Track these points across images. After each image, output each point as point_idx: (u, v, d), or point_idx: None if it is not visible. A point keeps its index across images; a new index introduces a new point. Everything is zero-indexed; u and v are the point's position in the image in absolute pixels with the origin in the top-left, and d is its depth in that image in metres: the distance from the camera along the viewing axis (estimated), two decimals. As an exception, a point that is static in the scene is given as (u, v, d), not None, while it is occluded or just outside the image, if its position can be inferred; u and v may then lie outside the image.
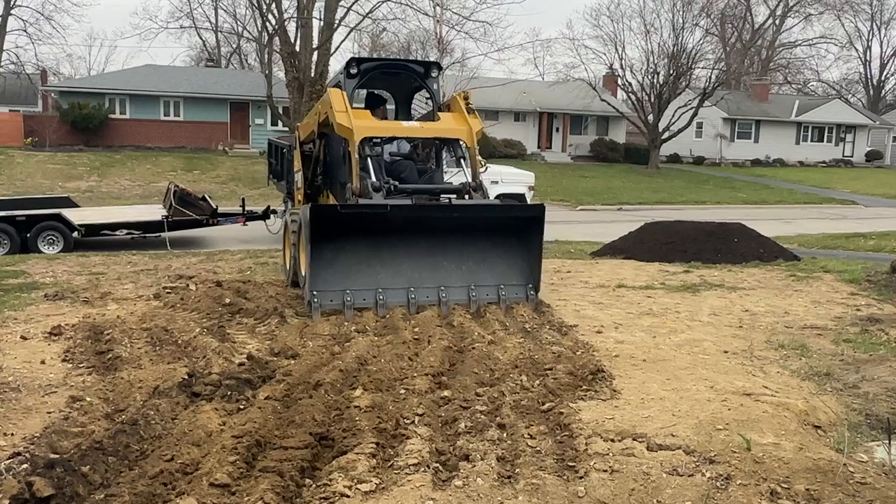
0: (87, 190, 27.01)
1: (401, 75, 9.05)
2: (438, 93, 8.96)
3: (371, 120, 8.27)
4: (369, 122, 8.16)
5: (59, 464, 3.85)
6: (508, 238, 7.84)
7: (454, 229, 7.69)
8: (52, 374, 5.62)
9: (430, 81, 8.96)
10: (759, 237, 12.89)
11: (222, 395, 4.95)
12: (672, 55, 40.85)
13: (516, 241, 7.86)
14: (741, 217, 17.53)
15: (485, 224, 7.85)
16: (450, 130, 8.34)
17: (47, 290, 9.20)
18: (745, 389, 5.18)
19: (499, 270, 7.80)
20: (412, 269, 7.55)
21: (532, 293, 7.78)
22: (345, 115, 7.92)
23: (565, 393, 5.07)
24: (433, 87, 8.93)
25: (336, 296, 7.31)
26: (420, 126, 8.53)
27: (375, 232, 7.49)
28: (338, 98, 8.11)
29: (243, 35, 41.32)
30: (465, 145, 8.33)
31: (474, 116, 8.44)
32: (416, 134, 8.52)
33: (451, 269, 7.66)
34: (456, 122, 8.42)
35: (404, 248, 7.62)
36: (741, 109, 46.53)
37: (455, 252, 7.76)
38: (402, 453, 4.13)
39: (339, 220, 7.35)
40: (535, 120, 45.73)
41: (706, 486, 3.86)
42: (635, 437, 4.35)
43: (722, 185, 35.41)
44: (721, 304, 8.53)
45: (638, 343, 6.52)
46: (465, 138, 8.24)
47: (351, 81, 8.60)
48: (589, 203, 27.03)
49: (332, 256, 7.44)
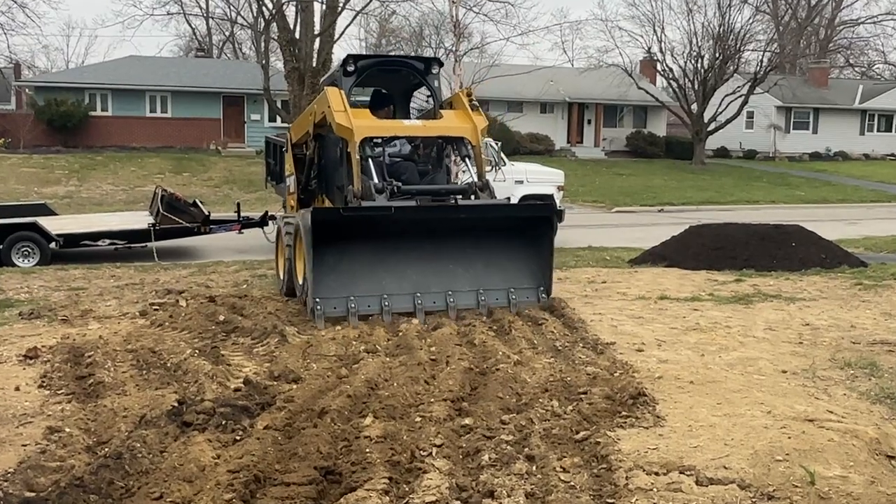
0: (66, 196, 27.30)
1: (400, 72, 9.49)
2: (439, 90, 9.38)
3: (371, 119, 8.70)
4: (370, 122, 8.57)
5: (36, 503, 3.87)
6: (517, 239, 8.26)
7: (460, 231, 8.11)
8: (28, 401, 5.66)
9: (431, 78, 9.35)
10: (820, 240, 12.79)
11: (216, 424, 4.96)
12: (718, 36, 40.71)
13: (526, 242, 8.27)
14: (799, 218, 17.40)
15: (492, 225, 8.26)
16: (454, 129, 8.77)
17: (22, 308, 9.28)
18: (806, 415, 5.13)
19: (508, 273, 8.22)
20: (418, 274, 7.95)
21: (543, 296, 8.21)
22: (344, 115, 8.30)
23: (602, 420, 5.04)
24: (434, 84, 9.34)
25: (340, 303, 7.68)
26: (423, 125, 8.95)
27: (379, 235, 7.89)
28: (336, 97, 8.51)
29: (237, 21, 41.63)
30: (471, 143, 8.73)
31: (478, 113, 8.85)
32: (419, 133, 8.94)
33: (458, 272, 8.08)
34: (459, 119, 8.83)
35: (409, 252, 8.01)
36: (797, 96, 46.25)
37: (462, 255, 8.16)
38: (418, 489, 4.11)
39: (342, 223, 7.75)
40: (564, 111, 45.70)
41: (764, 525, 3.82)
42: (682, 470, 4.31)
43: (776, 181, 35.21)
44: (778, 317, 8.46)
45: (684, 363, 6.47)
46: (470, 136, 8.67)
47: (348, 79, 9.01)
48: (626, 204, 26.97)
49: (334, 262, 7.77)
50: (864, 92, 50.31)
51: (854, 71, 61.40)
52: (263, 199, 23.19)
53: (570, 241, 16.82)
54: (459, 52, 15.96)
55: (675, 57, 43.34)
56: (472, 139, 8.65)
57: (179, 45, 64.91)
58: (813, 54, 54.90)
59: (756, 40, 43.41)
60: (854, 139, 49.29)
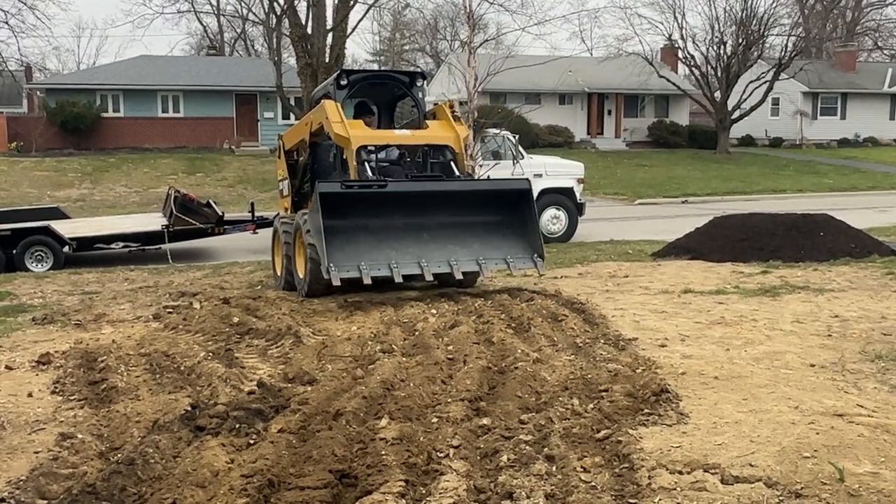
0: (79, 199, 27.55)
1: (387, 85, 10.83)
2: (423, 101, 10.61)
3: (365, 129, 9.87)
4: (365, 132, 9.79)
5: (48, 511, 3.90)
6: (504, 213, 9.52)
7: (452, 207, 9.32)
8: (41, 408, 5.71)
9: (416, 90, 10.58)
10: (850, 230, 12.66)
11: (230, 428, 4.98)
12: (741, 21, 40.40)
13: (512, 215, 9.49)
14: (827, 207, 17.25)
15: (478, 200, 9.54)
16: (438, 137, 9.97)
17: (35, 314, 9.38)
18: (835, 409, 5.07)
19: (503, 242, 9.38)
20: (419, 247, 9.03)
21: (539, 260, 9.31)
22: (341, 125, 9.51)
23: (624, 418, 5.01)
24: (418, 96, 10.54)
25: (352, 267, 8.61)
26: (411, 134, 10.13)
27: (379, 212, 9.00)
28: (333, 109, 9.69)
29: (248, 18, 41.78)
30: (454, 150, 9.88)
31: (460, 123, 10.14)
32: (407, 141, 10.06)
33: (455, 243, 9.19)
34: (443, 129, 10.04)
35: (408, 228, 9.15)
36: (824, 81, 45.76)
37: (456, 227, 9.32)
38: (435, 492, 4.10)
39: (347, 198, 8.78)
40: (584, 102, 45.54)
41: (792, 524, 3.78)
42: (707, 469, 4.27)
43: (804, 170, 34.92)
44: (806, 309, 8.39)
45: (708, 358, 6.42)
46: (453, 144, 9.88)
47: (341, 92, 10.17)
48: (648, 196, 26.84)
49: (344, 238, 8.76)
50: (893, 75, 49.69)
51: (883, 54, 60.64)
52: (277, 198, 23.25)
53: (592, 234, 16.77)
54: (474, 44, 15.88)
55: (697, 44, 43.08)
56: (455, 146, 9.89)
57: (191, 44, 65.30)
58: (839, 37, 54.27)
59: (780, 24, 42.93)
60: (884, 124, 48.71)
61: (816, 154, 42.05)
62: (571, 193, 16.90)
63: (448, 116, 10.14)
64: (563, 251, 14.18)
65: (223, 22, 55.97)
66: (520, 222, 9.47)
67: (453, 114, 10.22)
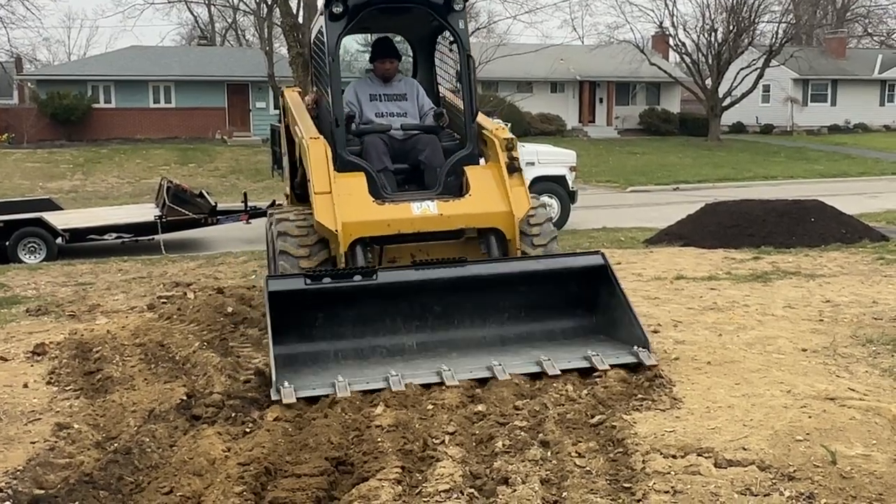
0: (71, 190, 27.46)
1: (411, 12, 7.18)
2: (466, 34, 7.12)
3: (362, 207, 6.39)
4: (360, 213, 6.36)
5: (46, 500, 3.91)
6: (572, 311, 6.31)
7: (490, 309, 6.17)
8: (36, 398, 5.70)
9: (455, 18, 6.96)
10: (841, 215, 12.72)
11: (226, 417, 4.99)
12: (731, 8, 40.43)
13: (587, 313, 6.32)
14: (818, 193, 17.30)
15: (528, 290, 6.23)
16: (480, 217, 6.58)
17: (29, 305, 9.35)
18: (827, 393, 5.10)
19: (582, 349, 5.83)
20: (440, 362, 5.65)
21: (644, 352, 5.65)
22: (323, 203, 6.29)
23: (618, 403, 5.03)
24: (458, 26, 6.98)
25: (321, 384, 5.35)
26: (437, 213, 6.47)
27: (370, 320, 6.00)
28: (317, 154, 6.54)
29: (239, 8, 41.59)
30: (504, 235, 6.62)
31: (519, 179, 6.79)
32: (431, 226, 6.55)
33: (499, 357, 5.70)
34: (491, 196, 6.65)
35: (423, 348, 5.99)
36: (814, 68, 45.84)
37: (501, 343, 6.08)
38: (431, 478, 4.12)
39: (311, 297, 5.76)
40: (575, 90, 45.54)
41: (785, 506, 3.81)
42: (700, 453, 4.30)
43: (795, 156, 35.00)
44: (797, 294, 8.42)
45: (701, 343, 6.44)
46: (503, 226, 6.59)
47: (335, 26, 6.80)
48: (640, 183, 26.88)
49: (310, 358, 5.83)
50: (883, 61, 49.83)
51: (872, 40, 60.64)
52: (271, 188, 23.24)
53: (584, 222, 16.80)
54: (467, 32, 15.84)
55: (688, 31, 43.07)
56: (507, 229, 6.52)
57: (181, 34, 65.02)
58: (829, 24, 54.33)
59: (771, 11, 42.97)
60: (874, 110, 48.87)
61: (807, 140, 42.15)
62: (564, 181, 16.92)
63: (501, 160, 6.69)
64: (556, 239, 14.17)
65: (214, 12, 55.71)
66: (602, 315, 6.20)
67: (510, 160, 6.72)
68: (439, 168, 6.92)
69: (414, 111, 7.57)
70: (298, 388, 5.23)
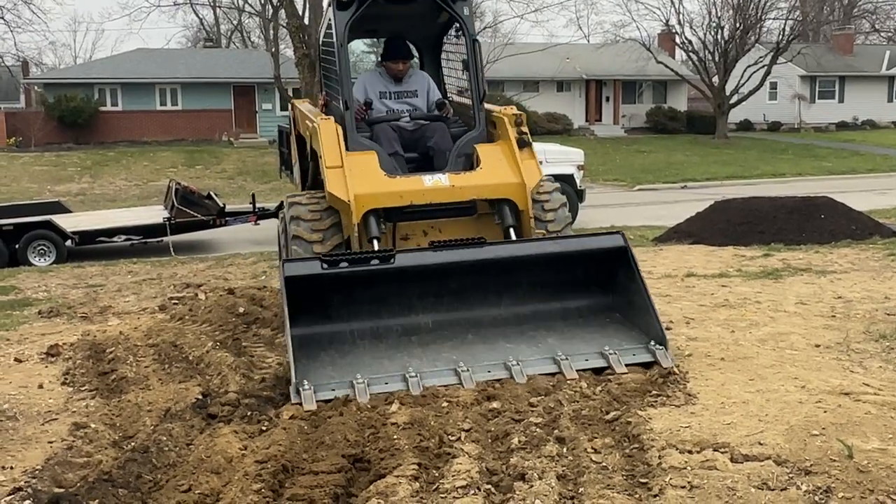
0: (79, 193, 27.54)
1: (417, 2, 7.28)
2: (471, 19, 7.17)
3: (375, 178, 6.47)
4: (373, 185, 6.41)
5: (65, 498, 3.94)
6: (590, 291, 6.25)
7: (507, 289, 6.15)
8: (52, 399, 5.75)
9: (460, 6, 7.08)
10: (850, 212, 12.70)
11: (241, 415, 5.02)
12: (738, 6, 40.35)
13: (604, 293, 6.24)
14: (827, 189, 17.28)
15: (546, 272, 6.17)
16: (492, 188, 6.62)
17: (41, 307, 9.40)
18: (842, 388, 5.11)
19: (597, 333, 5.95)
20: (458, 349, 5.72)
21: (659, 348, 5.61)
22: (336, 176, 6.36)
23: (632, 399, 5.05)
24: (464, 13, 7.07)
25: (341, 384, 5.35)
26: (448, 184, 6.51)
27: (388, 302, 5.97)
28: (328, 133, 6.61)
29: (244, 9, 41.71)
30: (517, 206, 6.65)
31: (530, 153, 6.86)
32: (443, 198, 6.57)
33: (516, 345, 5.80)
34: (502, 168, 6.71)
35: (440, 327, 5.94)
36: (822, 65, 45.72)
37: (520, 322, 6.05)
38: (447, 474, 4.14)
39: (328, 281, 5.72)
40: (581, 89, 45.51)
41: (802, 500, 3.81)
42: (716, 448, 4.31)
43: (803, 153, 34.91)
44: (809, 290, 8.42)
45: (714, 339, 6.46)
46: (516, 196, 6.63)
47: (343, 15, 6.95)
48: (648, 182, 26.86)
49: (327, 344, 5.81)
50: (891, 57, 49.66)
51: (880, 36, 60.50)
52: (278, 189, 23.28)
53: (592, 221, 16.79)
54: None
55: (695, 29, 43.02)
56: (519, 199, 6.54)
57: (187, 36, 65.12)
58: (837, 21, 54.20)
59: (777, 8, 42.98)
60: (882, 107, 48.71)
61: (815, 138, 42.03)
62: (572, 180, 16.91)
63: (511, 137, 6.75)
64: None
65: (219, 14, 55.87)
66: (620, 298, 6.12)
67: (520, 134, 6.80)
68: (448, 151, 7.00)
69: (424, 105, 7.60)
70: (318, 390, 5.23)
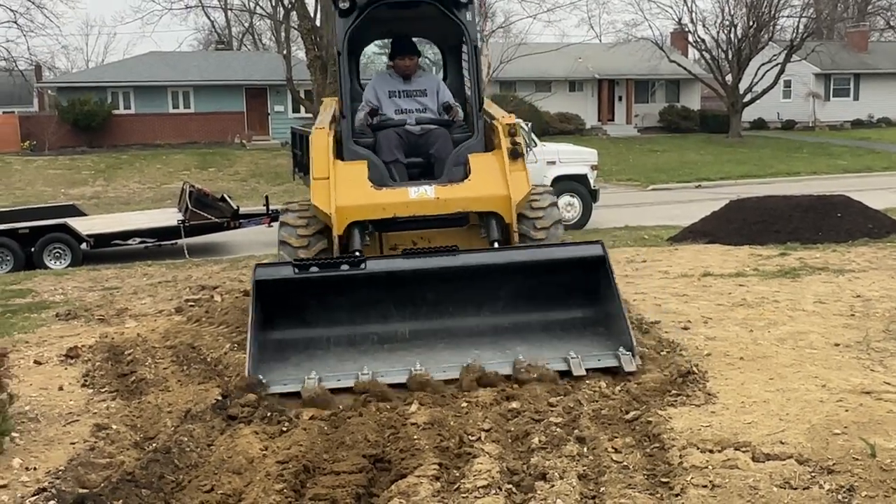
0: (93, 196, 27.70)
1: (419, 7, 7.15)
2: (473, 25, 7.11)
3: (361, 189, 6.53)
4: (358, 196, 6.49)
5: (90, 499, 3.98)
6: (564, 299, 6.09)
7: (479, 297, 6.08)
8: (72, 400, 5.79)
9: (463, 13, 7.02)
10: (867, 210, 12.63)
11: (261, 416, 5.05)
12: (751, 4, 40.19)
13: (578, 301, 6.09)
14: (843, 188, 17.19)
15: (519, 279, 6.09)
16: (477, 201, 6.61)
17: (58, 310, 9.46)
18: (863, 387, 5.10)
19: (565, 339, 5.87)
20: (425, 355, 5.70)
21: (626, 354, 5.54)
22: (321, 188, 6.49)
23: (652, 399, 5.05)
24: (466, 18, 7.03)
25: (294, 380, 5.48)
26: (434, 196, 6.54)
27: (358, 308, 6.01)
28: (319, 144, 6.73)
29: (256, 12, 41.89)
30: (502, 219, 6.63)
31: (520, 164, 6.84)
32: (426, 210, 6.61)
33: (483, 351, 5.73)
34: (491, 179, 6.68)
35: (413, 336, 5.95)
36: (836, 62, 45.49)
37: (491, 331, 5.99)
38: (468, 474, 4.16)
39: (297, 286, 5.83)
40: (594, 89, 45.45)
41: (825, 499, 3.81)
42: (738, 447, 4.31)
43: (818, 152, 34.74)
44: (827, 289, 8.38)
45: (732, 339, 6.45)
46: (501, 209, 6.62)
47: (344, 22, 6.91)
48: (662, 181, 26.81)
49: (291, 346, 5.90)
50: (906, 54, 49.36)
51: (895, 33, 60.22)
52: (291, 191, 23.36)
53: (606, 221, 16.78)
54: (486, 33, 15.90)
55: (707, 27, 42.87)
56: (504, 212, 6.52)
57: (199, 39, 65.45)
58: (851, 18, 53.91)
59: (791, 6, 42.73)
60: (898, 104, 48.42)
61: (830, 136, 41.82)
62: (585, 180, 16.92)
63: (503, 146, 6.74)
64: (579, 238, 14.20)
65: (231, 16, 56.09)
66: (596, 307, 5.98)
67: (513, 144, 6.75)
68: (447, 159, 7.03)
69: (434, 105, 7.56)
70: (271, 384, 5.39)
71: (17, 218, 15.86)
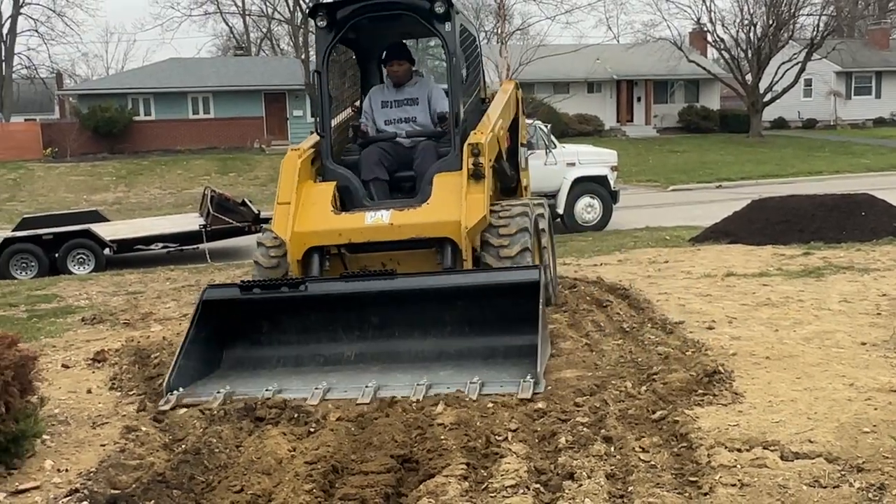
0: (115, 202, 27.96)
1: (402, 20, 7.12)
2: (453, 36, 6.88)
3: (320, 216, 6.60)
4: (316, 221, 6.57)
5: (122, 499, 4.03)
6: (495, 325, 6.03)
7: (420, 323, 6.10)
8: (101, 403, 5.86)
9: (442, 26, 6.83)
10: (891, 209, 12.53)
11: (289, 417, 5.09)
12: (770, 2, 39.97)
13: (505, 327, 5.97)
14: (866, 186, 17.05)
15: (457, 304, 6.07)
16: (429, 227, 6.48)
17: (84, 314, 9.56)
18: (891, 385, 5.07)
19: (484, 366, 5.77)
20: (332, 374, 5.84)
21: (529, 381, 5.32)
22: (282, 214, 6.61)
23: (678, 399, 5.04)
24: (445, 30, 6.83)
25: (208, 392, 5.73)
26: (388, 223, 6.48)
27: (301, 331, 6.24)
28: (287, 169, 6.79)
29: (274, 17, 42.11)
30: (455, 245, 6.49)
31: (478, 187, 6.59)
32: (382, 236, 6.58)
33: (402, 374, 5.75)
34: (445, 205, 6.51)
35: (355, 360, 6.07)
36: (857, 60, 45.19)
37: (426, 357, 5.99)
38: (496, 474, 4.17)
39: (242, 306, 6.10)
40: (612, 90, 45.38)
41: (856, 498, 3.80)
42: (766, 446, 4.30)
43: (839, 150, 34.52)
44: (852, 288, 8.34)
45: (758, 338, 6.42)
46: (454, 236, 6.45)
47: (325, 36, 6.93)
48: (682, 182, 26.73)
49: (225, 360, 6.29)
50: (928, 52, 48.95)
51: (917, 30, 59.71)
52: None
53: (627, 222, 16.75)
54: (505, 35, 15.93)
55: (726, 26, 42.76)
56: (458, 238, 6.36)
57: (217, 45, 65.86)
58: (872, 15, 53.52)
59: (811, 4, 42.52)
60: (920, 102, 48.00)
61: (851, 134, 41.53)
62: (605, 181, 16.91)
63: (464, 167, 6.53)
64: (600, 239, 14.20)
65: (249, 22, 56.41)
66: (523, 332, 5.65)
67: (475, 166, 6.48)
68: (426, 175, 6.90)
69: (424, 115, 7.43)
70: (185, 396, 5.63)
71: (41, 224, 16.04)
